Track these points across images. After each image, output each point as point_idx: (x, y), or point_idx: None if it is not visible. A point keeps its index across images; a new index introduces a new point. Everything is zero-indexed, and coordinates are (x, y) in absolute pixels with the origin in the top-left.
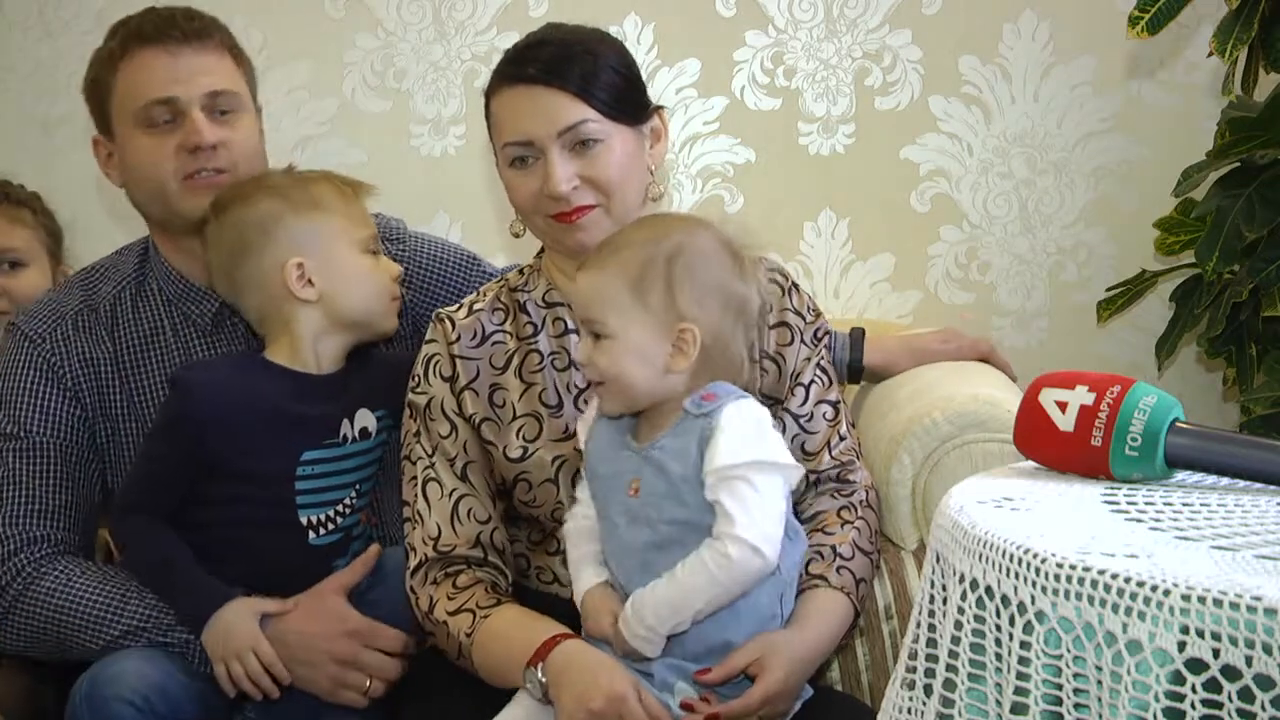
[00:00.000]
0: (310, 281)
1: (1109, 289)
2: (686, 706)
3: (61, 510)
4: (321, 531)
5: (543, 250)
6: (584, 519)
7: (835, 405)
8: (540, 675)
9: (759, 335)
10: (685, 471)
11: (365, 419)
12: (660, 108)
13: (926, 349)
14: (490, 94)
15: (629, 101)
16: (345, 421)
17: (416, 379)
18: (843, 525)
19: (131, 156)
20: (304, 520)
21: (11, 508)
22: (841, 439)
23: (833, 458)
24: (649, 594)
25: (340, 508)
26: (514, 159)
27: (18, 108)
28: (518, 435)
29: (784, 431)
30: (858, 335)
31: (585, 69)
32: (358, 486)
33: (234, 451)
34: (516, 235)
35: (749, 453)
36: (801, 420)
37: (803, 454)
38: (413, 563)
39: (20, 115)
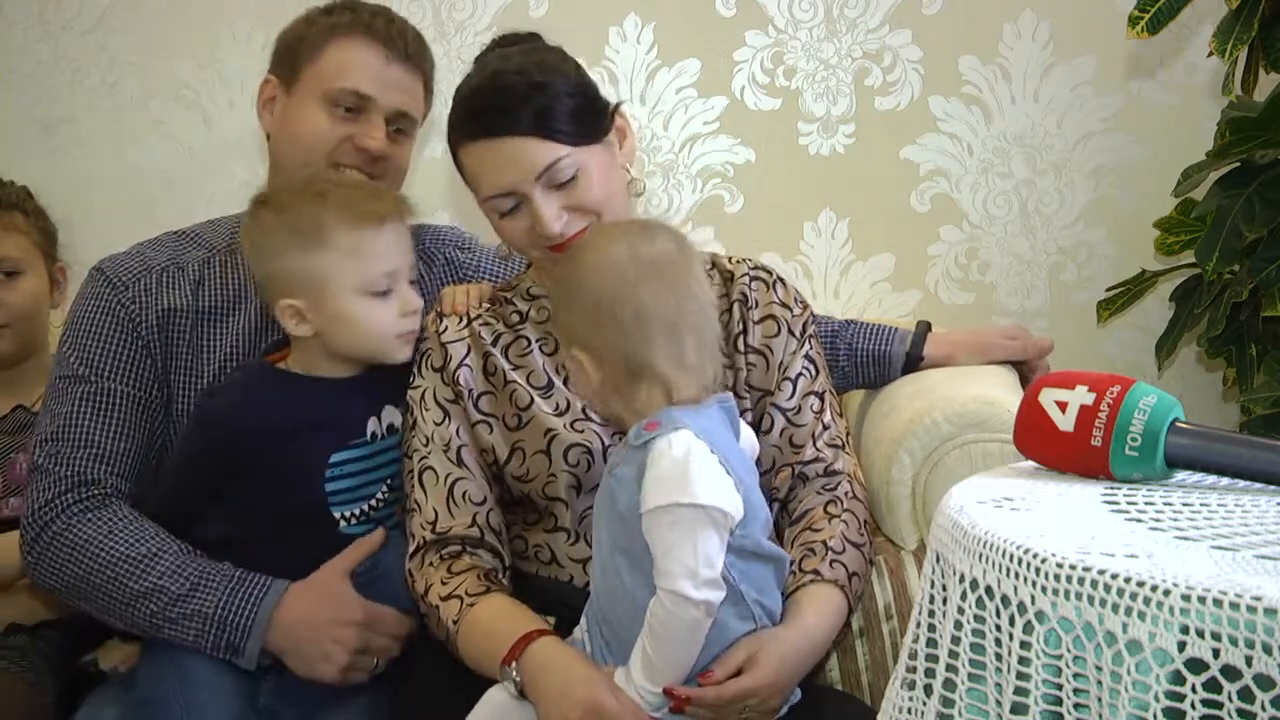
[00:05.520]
0: (305, 318)
1: (1109, 289)
2: (667, 692)
3: (119, 457)
4: (354, 522)
5: (530, 265)
6: None
7: (821, 395)
8: (515, 674)
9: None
10: (629, 503)
11: (391, 415)
12: (618, 105)
13: (992, 344)
14: (455, 148)
15: (589, 122)
16: (373, 419)
17: (413, 375)
18: (830, 520)
19: (297, 120)
20: (336, 515)
21: (69, 448)
22: (826, 428)
23: (817, 449)
24: (631, 666)
25: (374, 502)
26: (500, 210)
27: (18, 108)
28: (511, 401)
29: (772, 426)
30: (922, 330)
31: (538, 106)
32: (389, 481)
33: (262, 467)
34: (504, 258)
35: (671, 494)
36: (789, 414)
37: (790, 446)
38: (411, 547)
39: (20, 115)
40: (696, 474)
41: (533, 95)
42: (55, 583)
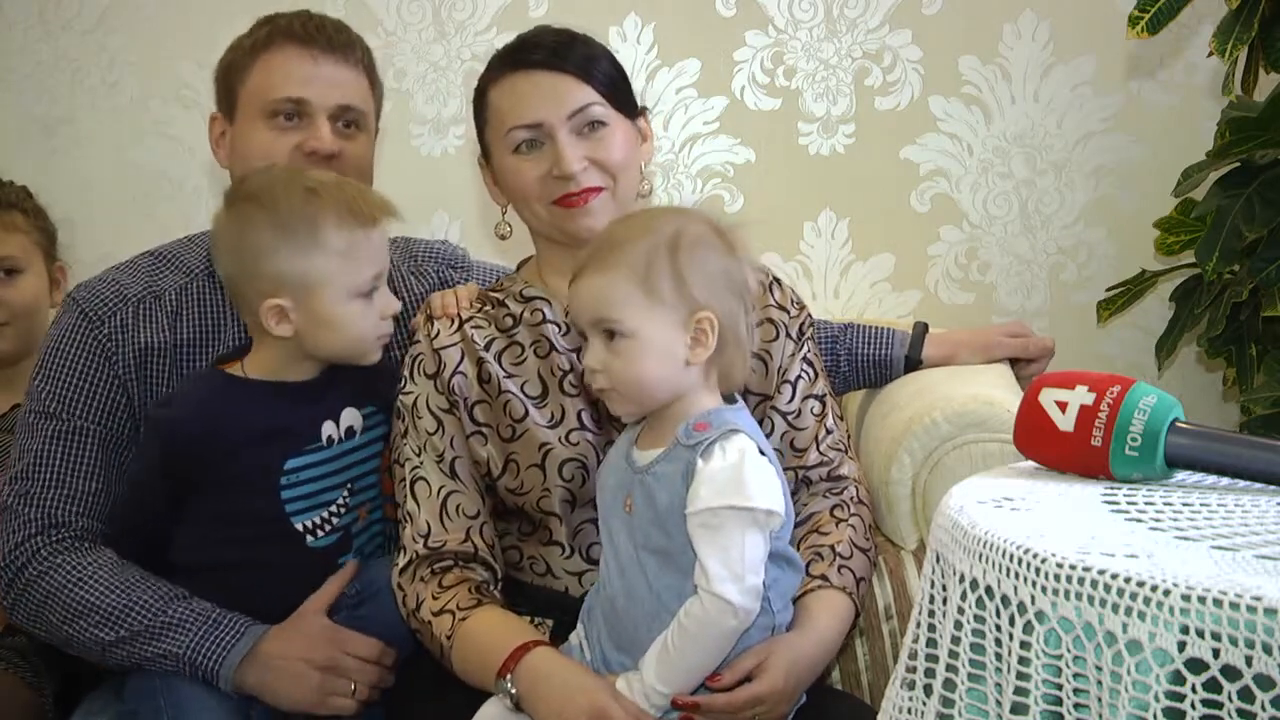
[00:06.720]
0: (289, 318)
1: (1109, 289)
2: (676, 703)
3: (90, 497)
4: (319, 534)
5: (521, 265)
6: None
7: (821, 399)
8: (510, 686)
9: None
10: (671, 502)
11: (351, 418)
12: (645, 109)
13: (994, 342)
14: (488, 84)
15: (622, 93)
16: (329, 423)
17: (404, 380)
18: (837, 524)
19: (246, 145)
20: (299, 526)
21: (39, 488)
22: (829, 432)
23: (820, 453)
24: (644, 666)
25: (334, 508)
26: (520, 144)
27: (18, 108)
28: (505, 412)
29: (772, 430)
30: (919, 331)
31: (586, 55)
32: (350, 486)
33: (218, 477)
34: (503, 238)
35: (725, 497)
36: (789, 417)
37: (792, 450)
38: (402, 561)
39: (20, 115)
40: (750, 477)
41: (580, 45)
42: (34, 629)
